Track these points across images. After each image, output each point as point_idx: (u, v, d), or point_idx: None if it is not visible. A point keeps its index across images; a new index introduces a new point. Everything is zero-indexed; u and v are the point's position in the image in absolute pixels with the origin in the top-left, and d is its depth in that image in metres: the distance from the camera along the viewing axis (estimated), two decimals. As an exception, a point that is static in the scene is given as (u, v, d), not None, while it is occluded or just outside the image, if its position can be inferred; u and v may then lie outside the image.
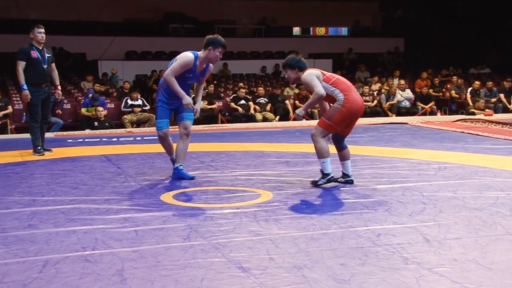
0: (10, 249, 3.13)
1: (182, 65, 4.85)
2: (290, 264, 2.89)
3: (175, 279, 2.69)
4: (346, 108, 4.57)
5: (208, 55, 4.93)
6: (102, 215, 3.89)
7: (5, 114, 10.63)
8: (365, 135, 8.51)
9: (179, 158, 5.11)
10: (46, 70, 6.70)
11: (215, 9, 19.97)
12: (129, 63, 16.53)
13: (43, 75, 6.68)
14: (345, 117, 4.60)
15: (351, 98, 4.60)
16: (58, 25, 17.23)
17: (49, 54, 6.80)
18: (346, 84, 4.71)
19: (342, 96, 4.59)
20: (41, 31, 6.65)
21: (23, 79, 6.59)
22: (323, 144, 4.62)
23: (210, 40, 4.94)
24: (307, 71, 4.70)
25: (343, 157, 4.86)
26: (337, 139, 4.85)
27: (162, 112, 5.07)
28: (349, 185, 4.81)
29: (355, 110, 4.62)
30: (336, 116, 4.58)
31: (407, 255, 3.03)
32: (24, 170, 5.71)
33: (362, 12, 21.90)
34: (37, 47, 6.66)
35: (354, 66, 18.06)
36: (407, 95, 13.15)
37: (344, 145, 4.86)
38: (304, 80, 4.66)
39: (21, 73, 6.59)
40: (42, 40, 6.65)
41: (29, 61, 6.59)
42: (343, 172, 4.89)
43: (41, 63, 6.65)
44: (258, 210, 3.99)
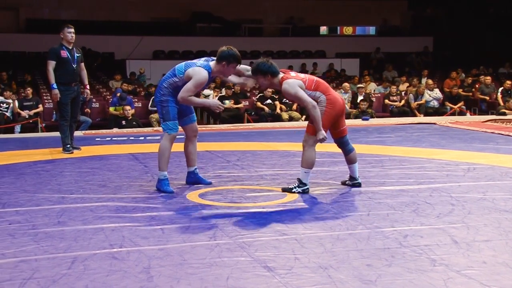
0: (40, 245, 3.19)
1: (197, 85, 4.48)
2: (316, 264, 2.88)
3: (200, 278, 2.70)
4: (329, 108, 4.47)
5: (222, 70, 4.57)
6: (129, 213, 3.93)
7: (36, 113, 10.84)
8: (392, 135, 8.42)
9: (194, 161, 4.92)
10: (75, 70, 6.78)
11: (242, 8, 20.01)
12: (156, 63, 16.68)
13: (72, 74, 6.77)
14: (330, 117, 4.49)
15: (332, 97, 4.52)
16: (88, 25, 17.50)
17: (79, 54, 6.88)
18: (325, 84, 4.63)
19: (324, 97, 4.49)
20: (70, 31, 6.74)
21: (53, 78, 6.69)
22: (312, 154, 4.48)
23: (224, 54, 4.48)
24: (290, 82, 4.46)
25: (350, 160, 4.74)
26: (340, 143, 4.73)
27: (174, 112, 4.63)
28: (376, 186, 4.76)
29: (338, 108, 4.53)
30: (323, 119, 4.43)
31: (435, 256, 2.99)
32: (54, 168, 5.81)
33: (391, 11, 21.69)
34: (67, 46, 6.75)
35: (382, 66, 17.90)
36: (436, 95, 12.97)
37: (350, 147, 4.72)
38: (288, 92, 4.44)
39: (51, 73, 6.69)
40: (71, 40, 6.74)
41: (59, 60, 6.69)
42: (351, 176, 4.79)
43: (71, 62, 6.73)
44: (283, 210, 3.99)
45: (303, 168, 4.50)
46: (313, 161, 4.49)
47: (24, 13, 18.51)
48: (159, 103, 4.66)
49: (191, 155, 4.91)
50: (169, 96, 4.60)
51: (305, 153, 4.48)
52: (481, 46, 19.45)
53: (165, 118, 4.62)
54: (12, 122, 10.63)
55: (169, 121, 4.61)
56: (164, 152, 4.64)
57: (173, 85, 4.59)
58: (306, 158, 4.48)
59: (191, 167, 4.92)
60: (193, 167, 4.92)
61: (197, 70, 4.47)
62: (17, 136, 9.48)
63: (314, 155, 4.50)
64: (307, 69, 17.55)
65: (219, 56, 4.50)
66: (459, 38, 19.91)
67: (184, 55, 17.99)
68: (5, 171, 5.59)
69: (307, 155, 4.48)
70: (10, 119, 10.71)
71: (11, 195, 4.47)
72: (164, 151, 4.64)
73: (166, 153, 4.65)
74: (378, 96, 13.37)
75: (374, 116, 11.98)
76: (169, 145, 4.66)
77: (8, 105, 10.82)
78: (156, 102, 4.73)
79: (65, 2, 18.80)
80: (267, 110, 11.92)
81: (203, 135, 8.85)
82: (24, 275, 2.72)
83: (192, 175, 4.93)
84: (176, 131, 4.66)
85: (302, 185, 4.51)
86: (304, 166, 4.50)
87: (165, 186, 4.62)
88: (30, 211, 3.97)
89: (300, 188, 4.49)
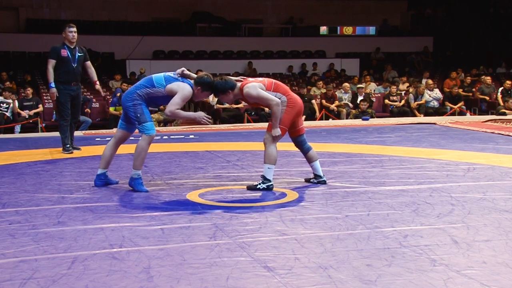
0: (40, 245, 3.19)
1: (184, 99, 4.60)
2: (316, 264, 2.88)
3: (201, 278, 2.70)
4: (290, 108, 4.65)
5: (196, 93, 4.64)
6: (129, 213, 3.93)
7: (36, 113, 10.84)
8: (392, 135, 8.43)
9: (109, 164, 4.95)
10: (75, 69, 6.77)
11: (242, 9, 20.01)
12: (156, 63, 16.68)
13: (72, 73, 6.75)
14: (291, 116, 4.66)
15: (293, 98, 4.71)
16: (88, 25, 17.52)
17: (81, 53, 6.86)
18: (284, 86, 4.78)
19: (284, 97, 4.66)
20: (72, 30, 6.74)
21: (52, 77, 6.70)
22: (274, 151, 4.62)
23: (202, 80, 4.59)
24: (250, 85, 4.60)
25: (311, 159, 4.87)
26: (297, 142, 4.86)
27: (148, 114, 4.74)
28: (376, 186, 4.76)
29: (298, 108, 4.71)
30: (284, 117, 4.61)
31: (435, 256, 2.99)
32: (54, 168, 5.81)
33: (391, 11, 21.69)
34: (69, 46, 6.75)
35: (382, 66, 17.90)
36: (436, 95, 12.97)
37: (307, 146, 4.86)
38: (250, 95, 4.58)
39: (50, 71, 6.70)
40: (73, 39, 6.75)
41: (59, 59, 6.69)
42: (315, 174, 4.89)
43: (71, 62, 6.73)
44: (283, 210, 3.99)
45: (266, 164, 4.63)
46: (275, 157, 4.64)
47: (25, 13, 18.51)
48: (131, 107, 4.69)
49: (111, 158, 4.93)
50: (142, 101, 4.69)
51: (267, 150, 4.62)
52: (481, 46, 19.44)
53: (141, 120, 4.68)
54: (12, 122, 10.63)
55: (145, 122, 4.69)
56: (141, 152, 4.70)
57: (149, 95, 4.69)
58: (268, 154, 4.61)
59: (104, 169, 4.91)
60: (105, 170, 4.92)
61: (182, 86, 4.61)
62: (17, 136, 9.48)
63: (276, 152, 4.64)
64: (307, 69, 17.56)
65: (197, 81, 4.62)
66: (459, 38, 19.91)
67: (184, 55, 18.01)
68: (5, 171, 5.60)
69: (269, 151, 4.61)
70: (10, 119, 10.71)
71: (11, 195, 4.47)
72: (141, 152, 4.69)
73: (143, 154, 4.71)
74: (378, 96, 13.37)
75: (374, 116, 11.99)
76: (147, 146, 4.73)
77: (8, 105, 10.82)
78: (127, 107, 4.72)
79: (65, 2, 18.79)
80: (267, 110, 11.90)
81: (203, 135, 8.87)
82: (24, 275, 2.72)
83: (103, 176, 4.92)
84: (154, 131, 4.75)
85: (267, 181, 4.63)
86: (267, 163, 4.63)
87: (139, 185, 4.69)
88: (30, 211, 3.97)
89: (265, 184, 4.62)
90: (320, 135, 8.58)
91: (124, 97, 4.82)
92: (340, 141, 7.87)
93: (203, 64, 15.96)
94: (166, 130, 10.08)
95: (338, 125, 10.51)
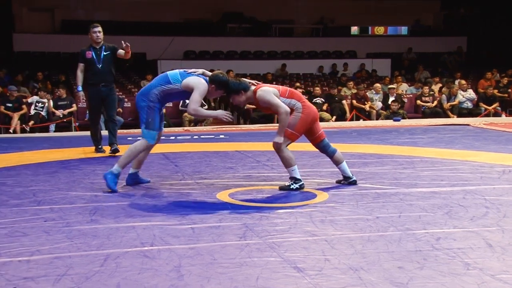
0: (74, 242, 3.24)
1: (202, 94, 4.59)
2: (346, 265, 2.86)
3: (230, 277, 2.71)
4: (305, 115, 4.64)
5: (210, 91, 4.64)
6: (160, 212, 3.97)
7: (69, 112, 11.05)
8: (424, 136, 8.31)
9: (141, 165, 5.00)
10: (101, 70, 6.65)
11: (273, 9, 20.00)
12: (187, 63, 16.77)
13: (98, 75, 6.64)
14: (305, 123, 4.65)
15: (307, 105, 4.72)
16: (121, 25, 17.75)
17: (107, 52, 6.70)
18: (298, 93, 4.78)
19: (299, 104, 4.66)
20: (96, 30, 6.64)
21: (80, 81, 6.72)
22: (288, 153, 4.61)
23: (217, 78, 4.59)
24: (264, 89, 4.62)
25: (337, 161, 4.85)
26: (321, 148, 4.84)
27: (158, 122, 4.72)
28: (407, 187, 4.71)
29: (313, 115, 4.70)
30: (297, 124, 4.61)
31: (469, 260, 2.93)
32: (87, 166, 5.91)
33: (423, 11, 21.39)
34: (94, 46, 6.68)
35: (414, 66, 17.67)
36: (469, 95, 12.75)
37: (332, 149, 4.83)
38: (263, 98, 4.58)
39: (78, 75, 6.72)
40: (98, 39, 6.65)
41: (85, 62, 6.67)
42: (344, 176, 4.86)
43: (96, 63, 6.63)
44: (313, 211, 3.97)
45: (288, 168, 4.65)
46: (292, 157, 4.63)
47: (60, 15, 18.88)
48: (145, 108, 4.67)
49: (142, 159, 4.96)
50: (157, 103, 4.68)
51: (281, 156, 4.63)
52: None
53: (149, 126, 4.68)
54: (47, 121, 10.88)
55: (152, 130, 4.69)
56: (132, 154, 4.71)
57: (165, 92, 4.66)
58: (284, 159, 4.63)
59: (138, 169, 4.96)
60: (139, 170, 4.97)
61: (197, 80, 4.60)
62: (52, 135, 9.70)
63: (291, 153, 4.64)
64: (338, 70, 17.45)
65: (212, 79, 4.62)
66: (494, 38, 19.50)
67: (214, 55, 18.10)
68: (40, 169, 5.72)
69: (284, 156, 4.62)
70: (45, 118, 10.96)
71: (46, 193, 4.56)
72: (133, 153, 4.71)
73: (133, 156, 4.74)
74: (410, 97, 13.21)
75: (405, 117, 11.85)
76: (141, 151, 4.74)
77: (43, 105, 11.07)
78: (141, 107, 4.70)
79: (99, 3, 19.10)
80: None
81: (233, 135, 8.89)
82: (59, 271, 2.77)
83: (134, 176, 4.96)
84: (154, 142, 4.75)
85: (297, 181, 4.65)
86: (288, 167, 4.65)
87: (112, 183, 4.63)
88: (64, 208, 4.05)
89: (297, 183, 4.64)
90: (350, 136, 8.52)
91: (138, 96, 4.78)
92: (371, 142, 7.80)
93: (234, 64, 16.02)
94: (196, 130, 10.15)
95: (368, 126, 10.42)
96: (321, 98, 12.31)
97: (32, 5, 18.65)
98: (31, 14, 18.68)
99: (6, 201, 4.28)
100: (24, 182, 5.03)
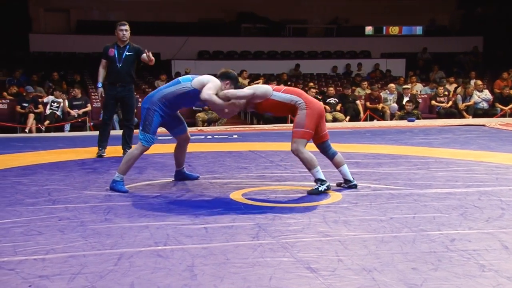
0: (88, 241, 3.27)
1: (216, 87, 4.57)
2: (360, 266, 2.85)
3: (243, 277, 2.71)
4: (310, 109, 4.51)
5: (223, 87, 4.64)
6: (173, 212, 3.98)
7: (84, 112, 11.14)
8: (439, 136, 8.25)
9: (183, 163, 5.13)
10: (120, 69, 6.51)
11: (286, 9, 19.99)
12: (201, 63, 16.87)
13: (116, 74, 6.52)
14: (313, 118, 4.51)
15: (310, 100, 4.58)
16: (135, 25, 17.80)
17: (130, 53, 6.56)
18: (296, 90, 4.69)
19: (301, 100, 4.54)
20: (122, 28, 6.52)
21: (101, 77, 6.63)
22: (308, 154, 4.52)
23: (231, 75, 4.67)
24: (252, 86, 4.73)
25: (337, 164, 4.75)
26: (322, 148, 4.75)
27: (157, 126, 4.71)
28: (422, 188, 4.67)
29: (318, 109, 4.58)
30: (306, 121, 4.48)
31: (484, 262, 2.90)
32: (101, 166, 5.95)
33: (438, 11, 21.23)
34: (119, 45, 6.55)
35: (429, 66, 17.55)
36: (485, 96, 12.62)
37: (333, 151, 4.74)
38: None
39: (100, 71, 6.61)
40: (123, 37, 6.52)
41: (107, 59, 6.56)
42: (345, 179, 4.76)
43: (116, 61, 6.50)
44: (327, 211, 3.96)
45: (311, 170, 4.55)
46: (313, 158, 4.54)
47: (75, 15, 19.05)
48: (145, 111, 4.67)
49: (180, 159, 5.10)
50: (159, 107, 4.64)
51: (302, 158, 4.54)
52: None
53: (145, 128, 4.66)
54: (62, 121, 10.97)
55: (148, 133, 4.66)
56: (130, 159, 4.72)
57: (173, 94, 4.62)
58: (306, 161, 4.53)
59: (180, 167, 5.10)
60: (182, 167, 5.12)
61: (211, 77, 4.64)
62: (67, 135, 9.77)
63: (310, 153, 4.55)
64: (352, 70, 17.38)
65: (226, 75, 4.65)
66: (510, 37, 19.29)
67: (228, 55, 18.13)
68: (55, 168, 5.76)
69: (305, 157, 4.52)
70: (60, 118, 11.05)
71: (61, 192, 4.60)
72: (131, 159, 4.72)
73: (132, 161, 4.73)
74: (425, 97, 13.12)
75: (420, 117, 11.77)
76: (138, 155, 4.74)
77: (58, 104, 11.16)
78: (143, 108, 4.72)
79: (114, 4, 19.23)
80: None
81: (246, 135, 8.90)
82: (73, 270, 2.79)
83: (180, 173, 5.12)
84: (150, 145, 4.71)
85: (323, 182, 4.55)
86: (311, 168, 4.55)
87: (120, 185, 4.66)
88: (79, 207, 4.08)
89: (323, 185, 4.54)
90: (364, 136, 8.48)
91: (145, 99, 4.78)
92: (385, 142, 7.76)
93: (247, 64, 16.03)
94: (210, 130, 10.17)
95: (382, 126, 10.36)
96: (334, 98, 12.28)
97: (49, 6, 18.84)
98: (47, 14, 18.88)
99: (22, 200, 4.32)
100: (40, 181, 5.08)
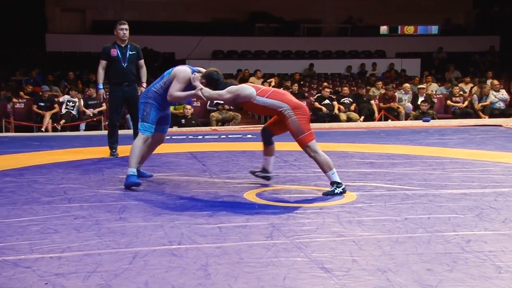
0: (103, 240, 3.29)
1: (181, 80, 4.70)
2: (374, 266, 2.83)
3: (257, 277, 2.71)
4: (299, 115, 4.55)
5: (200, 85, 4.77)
6: (187, 211, 3.99)
7: (99, 111, 11.22)
8: (454, 137, 8.19)
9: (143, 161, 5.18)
10: (126, 69, 6.46)
11: (300, 8, 19.95)
12: (215, 62, 16.88)
13: (122, 73, 6.47)
14: (305, 120, 4.58)
15: (294, 104, 4.58)
16: (149, 25, 17.94)
17: (133, 52, 6.51)
18: (282, 95, 4.65)
19: (285, 106, 4.54)
20: (122, 27, 6.44)
21: (100, 78, 6.57)
22: (323, 157, 4.53)
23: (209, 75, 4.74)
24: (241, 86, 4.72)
25: (269, 152, 4.85)
26: (267, 134, 4.85)
27: (154, 117, 4.83)
28: (437, 189, 4.63)
29: (306, 111, 4.64)
30: (302, 126, 4.54)
31: (500, 263, 2.87)
32: (116, 165, 5.98)
33: (454, 10, 21.05)
34: (120, 44, 6.49)
35: (444, 66, 17.41)
36: (502, 96, 12.50)
37: (272, 140, 4.85)
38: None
39: (99, 72, 6.55)
40: (124, 37, 6.44)
41: (109, 59, 6.48)
42: (264, 167, 4.85)
43: (120, 61, 6.45)
44: (341, 211, 3.95)
45: (327, 172, 4.54)
46: (329, 160, 4.54)
47: (91, 15, 19.19)
48: (142, 105, 4.86)
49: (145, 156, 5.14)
50: (154, 100, 4.83)
51: (317, 161, 4.55)
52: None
53: (144, 118, 4.82)
54: (78, 120, 11.06)
55: (146, 122, 4.81)
56: (135, 151, 4.81)
57: (163, 88, 4.81)
58: (321, 163, 4.53)
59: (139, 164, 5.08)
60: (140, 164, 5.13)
61: (182, 69, 4.77)
62: (82, 134, 9.85)
63: (326, 156, 4.56)
64: (366, 69, 17.30)
65: (205, 75, 4.73)
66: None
67: (242, 55, 18.14)
68: (71, 167, 5.81)
69: (321, 160, 4.53)
70: (76, 117, 11.15)
71: (76, 191, 4.64)
72: (135, 150, 4.82)
73: (137, 152, 4.82)
74: (440, 97, 13.02)
75: (435, 117, 11.69)
76: (141, 145, 4.84)
77: (74, 104, 11.26)
78: (140, 103, 4.92)
79: (128, 3, 19.33)
80: (324, 111, 11.84)
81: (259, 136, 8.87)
82: (88, 268, 2.81)
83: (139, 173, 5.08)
84: (150, 133, 4.84)
85: (339, 184, 4.53)
86: (327, 170, 4.54)
87: (133, 178, 4.73)
88: (94, 206, 4.11)
89: (339, 187, 4.51)
90: (379, 136, 8.44)
91: (141, 95, 5.02)
92: (400, 142, 7.71)
93: (261, 64, 16.04)
94: (224, 129, 10.19)
95: (397, 126, 10.31)
96: (349, 98, 12.24)
97: (64, 7, 19.00)
98: (63, 15, 19.04)
99: (38, 198, 4.37)
100: (55, 180, 5.13)
